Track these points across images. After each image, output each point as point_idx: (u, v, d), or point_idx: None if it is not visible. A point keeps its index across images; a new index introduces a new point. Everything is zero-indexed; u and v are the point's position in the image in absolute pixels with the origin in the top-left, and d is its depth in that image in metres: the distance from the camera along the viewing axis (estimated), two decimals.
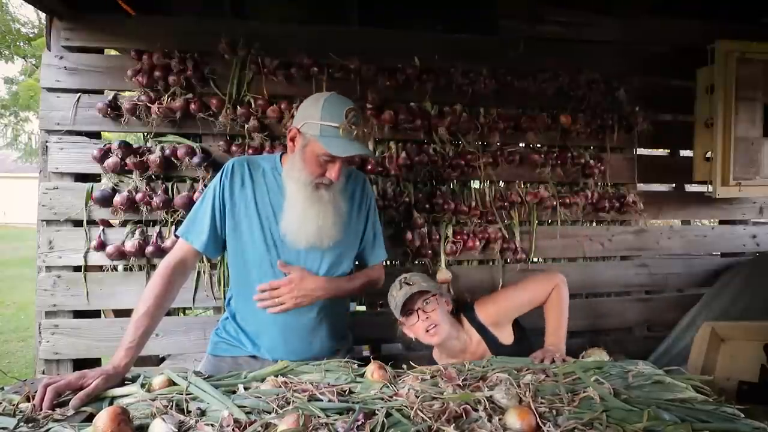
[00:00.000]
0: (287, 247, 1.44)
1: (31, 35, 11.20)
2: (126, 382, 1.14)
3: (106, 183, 1.96)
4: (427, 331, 1.48)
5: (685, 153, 2.56)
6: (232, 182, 1.46)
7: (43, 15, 2.07)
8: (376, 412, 0.95)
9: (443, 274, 1.49)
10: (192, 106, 1.97)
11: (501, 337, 1.57)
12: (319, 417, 0.93)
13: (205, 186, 1.76)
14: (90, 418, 0.95)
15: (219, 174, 1.47)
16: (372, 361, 1.20)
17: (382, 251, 1.68)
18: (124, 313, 2.07)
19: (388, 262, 2.31)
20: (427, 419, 0.92)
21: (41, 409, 0.98)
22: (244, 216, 1.45)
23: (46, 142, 1.96)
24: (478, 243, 2.18)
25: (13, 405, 0.99)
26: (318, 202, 1.38)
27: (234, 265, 1.52)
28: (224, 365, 1.48)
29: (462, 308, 1.65)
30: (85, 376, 1.08)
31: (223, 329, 1.57)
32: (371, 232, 1.64)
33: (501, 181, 2.26)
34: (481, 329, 1.57)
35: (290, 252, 1.45)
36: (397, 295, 1.51)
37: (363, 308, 2.30)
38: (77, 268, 1.97)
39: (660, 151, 2.85)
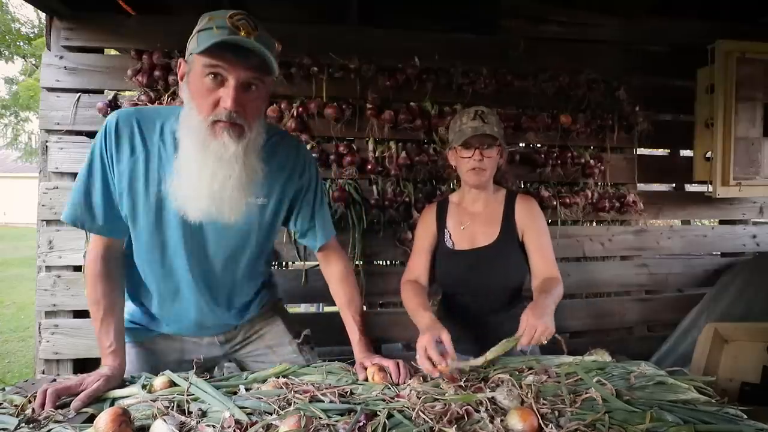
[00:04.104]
0: (178, 221, 1.15)
1: (31, 35, 11.21)
2: (126, 383, 1.14)
3: None
4: (473, 169, 1.46)
5: (685, 153, 2.56)
6: (119, 147, 1.12)
7: (43, 15, 2.07)
8: (378, 413, 0.95)
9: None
10: None
11: (512, 234, 1.54)
12: (320, 418, 0.92)
13: None
14: (91, 419, 0.94)
15: (100, 135, 1.13)
16: (371, 364, 1.20)
17: (330, 227, 1.41)
18: None
19: (388, 262, 2.32)
20: (429, 420, 0.92)
21: (41, 411, 0.98)
22: (127, 189, 1.14)
23: (46, 141, 1.96)
24: None
25: (14, 405, 0.99)
26: (216, 158, 1.05)
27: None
28: (143, 351, 1.33)
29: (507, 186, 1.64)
30: (85, 380, 1.07)
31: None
32: (310, 207, 1.35)
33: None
34: (508, 210, 1.54)
35: (182, 227, 1.16)
36: (465, 123, 1.45)
37: (363, 308, 2.30)
38: (77, 268, 1.97)
39: (660, 151, 2.85)
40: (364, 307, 2.18)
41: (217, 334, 1.40)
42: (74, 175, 1.98)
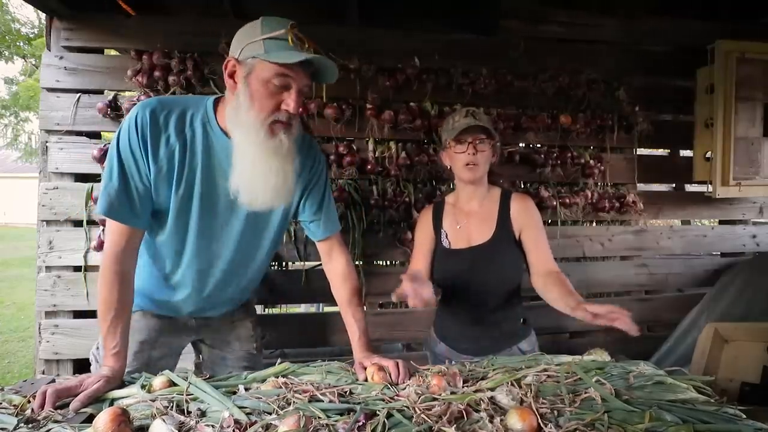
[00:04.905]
0: (204, 207, 1.23)
1: (31, 35, 11.21)
2: (125, 383, 1.14)
3: None
4: (467, 164, 1.49)
5: (685, 153, 2.56)
6: (155, 138, 1.16)
7: (43, 15, 2.07)
8: (377, 412, 0.95)
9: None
10: None
11: (507, 232, 1.55)
12: (319, 418, 0.93)
13: None
14: (90, 419, 0.94)
15: (131, 126, 1.15)
16: (371, 364, 1.20)
17: (336, 221, 1.46)
18: None
19: (388, 262, 2.32)
20: (429, 420, 0.92)
21: (40, 412, 0.98)
22: (166, 179, 1.20)
23: (46, 142, 1.96)
24: None
25: (14, 405, 0.99)
26: (275, 154, 1.14)
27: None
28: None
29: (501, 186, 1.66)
30: (84, 381, 1.07)
31: None
32: (318, 199, 1.40)
33: (501, 181, 2.26)
34: (503, 209, 1.56)
35: (205, 214, 1.24)
36: (458, 120, 1.50)
37: (364, 308, 2.30)
38: (77, 268, 1.97)
39: (660, 151, 2.85)
40: (365, 307, 2.20)
41: (197, 317, 1.45)
42: (74, 175, 1.99)
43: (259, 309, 2.56)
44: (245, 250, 1.36)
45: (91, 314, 2.02)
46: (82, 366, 1.97)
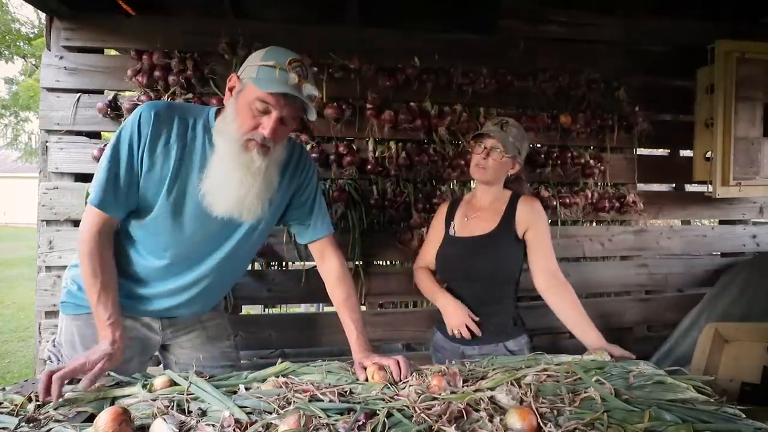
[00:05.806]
0: (196, 211, 1.28)
1: (31, 35, 11.22)
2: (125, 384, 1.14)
3: None
4: (477, 164, 1.65)
5: (685, 153, 2.56)
6: (154, 137, 1.22)
7: (43, 15, 2.07)
8: (377, 412, 0.95)
9: None
10: None
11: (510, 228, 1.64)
12: (320, 417, 0.93)
13: None
14: (91, 419, 0.95)
15: (134, 123, 1.22)
16: (371, 364, 1.20)
17: (328, 224, 1.51)
18: None
19: (388, 262, 2.32)
20: (429, 419, 0.92)
21: (47, 396, 1.00)
22: (158, 176, 1.25)
23: (46, 142, 1.96)
24: None
25: (15, 405, 0.99)
26: (245, 168, 1.21)
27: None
28: (82, 324, 1.35)
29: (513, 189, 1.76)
30: (88, 359, 1.10)
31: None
32: (309, 202, 1.47)
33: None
34: (510, 208, 1.66)
35: (197, 218, 1.28)
36: (486, 125, 1.70)
37: (364, 308, 2.29)
38: None
39: (660, 151, 2.85)
40: (364, 308, 2.20)
41: (163, 317, 1.44)
42: (74, 175, 1.99)
43: (258, 309, 2.57)
44: (231, 255, 1.39)
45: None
46: None
